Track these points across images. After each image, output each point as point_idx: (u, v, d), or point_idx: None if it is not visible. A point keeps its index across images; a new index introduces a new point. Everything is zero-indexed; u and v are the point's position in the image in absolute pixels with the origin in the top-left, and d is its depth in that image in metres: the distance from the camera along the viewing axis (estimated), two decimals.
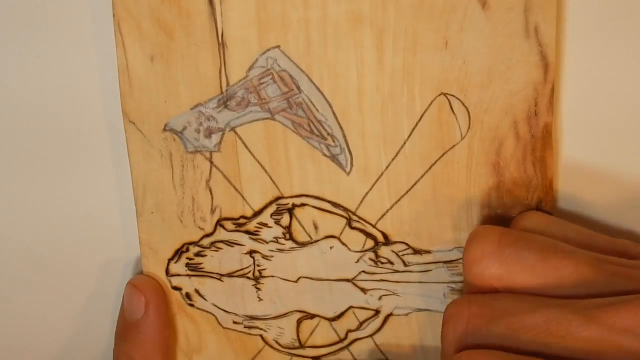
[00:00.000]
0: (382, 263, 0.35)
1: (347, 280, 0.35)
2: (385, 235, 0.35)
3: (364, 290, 0.35)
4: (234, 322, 0.37)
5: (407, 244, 0.35)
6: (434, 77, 0.32)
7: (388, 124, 0.33)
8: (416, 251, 0.35)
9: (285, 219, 0.35)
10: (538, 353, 0.27)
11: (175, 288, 0.36)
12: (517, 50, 0.31)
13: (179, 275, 0.36)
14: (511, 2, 0.31)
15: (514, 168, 0.33)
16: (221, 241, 0.36)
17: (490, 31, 0.31)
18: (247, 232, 0.35)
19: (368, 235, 0.35)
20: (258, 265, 0.36)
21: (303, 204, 0.35)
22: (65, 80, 0.35)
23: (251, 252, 0.36)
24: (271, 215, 0.35)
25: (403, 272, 0.35)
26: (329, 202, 0.34)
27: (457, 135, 0.33)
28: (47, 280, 0.38)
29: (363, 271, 0.35)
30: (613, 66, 0.33)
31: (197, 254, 0.36)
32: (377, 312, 0.36)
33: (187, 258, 0.36)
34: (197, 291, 0.36)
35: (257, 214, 0.35)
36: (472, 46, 0.32)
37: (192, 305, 0.37)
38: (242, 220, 0.35)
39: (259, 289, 0.36)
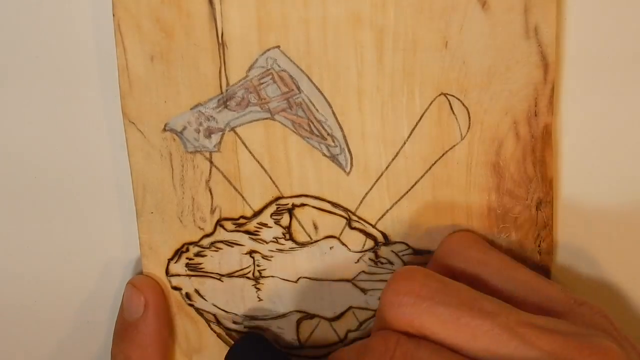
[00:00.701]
0: (382, 263, 0.35)
1: (347, 280, 0.35)
2: (385, 236, 0.35)
3: (364, 290, 0.35)
4: (234, 322, 0.37)
5: (407, 244, 0.35)
6: (434, 77, 0.32)
7: (388, 124, 0.33)
8: (416, 251, 0.35)
9: (285, 219, 0.35)
10: None
11: (175, 288, 0.36)
12: (517, 50, 0.31)
13: (179, 275, 0.36)
14: (511, 2, 0.31)
15: (513, 168, 0.33)
16: (221, 241, 0.36)
17: (490, 31, 0.31)
18: (247, 232, 0.35)
19: (368, 235, 0.35)
20: (258, 266, 0.36)
21: (303, 204, 0.35)
22: (65, 80, 0.35)
23: (251, 252, 0.36)
24: (271, 216, 0.35)
25: None
26: (329, 202, 0.34)
27: (457, 136, 0.33)
28: (47, 280, 0.38)
29: (363, 271, 0.35)
30: (613, 66, 0.33)
31: (197, 254, 0.36)
32: None
33: (187, 258, 0.36)
34: (197, 291, 0.36)
35: (257, 214, 0.35)
36: (472, 46, 0.32)
37: (192, 305, 0.37)
38: (242, 221, 0.35)
39: (258, 289, 0.36)
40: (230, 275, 0.36)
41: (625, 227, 0.35)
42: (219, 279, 0.36)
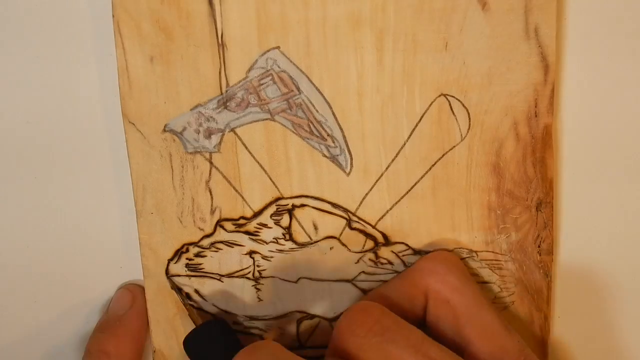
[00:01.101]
0: (382, 264, 0.35)
1: (347, 280, 0.35)
2: (385, 236, 0.35)
3: (364, 290, 0.35)
4: (234, 323, 0.37)
5: (407, 245, 0.35)
6: (434, 78, 0.32)
7: (388, 125, 0.33)
8: (416, 252, 0.35)
9: (285, 220, 0.35)
10: None
11: (175, 288, 0.36)
12: (517, 51, 0.31)
13: (178, 275, 0.36)
14: (511, 3, 0.31)
15: (514, 169, 0.33)
16: (221, 242, 0.36)
17: (490, 32, 0.31)
18: (247, 232, 0.35)
19: (368, 235, 0.35)
20: (258, 266, 0.36)
21: (303, 205, 0.35)
22: (65, 80, 0.35)
23: (251, 253, 0.36)
24: (271, 216, 0.35)
25: None
26: (329, 202, 0.34)
27: (457, 136, 0.33)
28: (47, 280, 0.38)
29: (363, 272, 0.35)
30: (613, 67, 0.33)
31: (197, 255, 0.36)
32: None
33: (187, 259, 0.36)
34: (197, 291, 0.36)
35: (256, 214, 0.35)
36: (472, 47, 0.32)
37: (192, 305, 0.37)
38: (241, 221, 0.35)
39: (258, 289, 0.36)
40: (230, 275, 0.36)
41: (626, 227, 0.35)
42: (219, 279, 0.36)
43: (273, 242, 0.35)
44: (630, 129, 0.34)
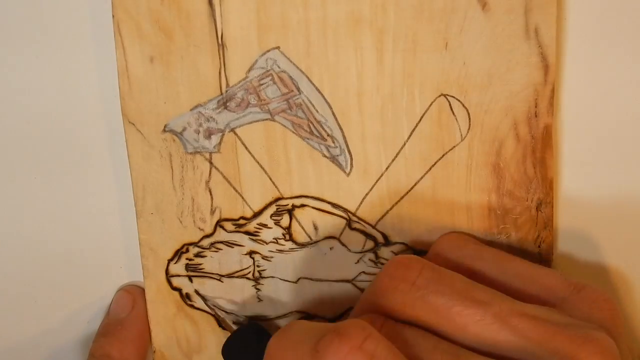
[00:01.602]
0: (382, 264, 0.35)
1: (347, 281, 0.35)
2: (385, 236, 0.35)
3: (364, 291, 0.35)
4: (234, 323, 0.37)
5: (407, 245, 0.35)
6: (434, 78, 0.32)
7: (388, 125, 0.33)
8: (416, 252, 0.35)
9: (285, 220, 0.35)
10: None
11: (175, 288, 0.36)
12: (517, 51, 0.31)
13: (178, 275, 0.36)
14: (511, 3, 0.31)
15: (514, 169, 0.33)
16: (221, 242, 0.36)
17: (490, 32, 0.31)
18: (247, 232, 0.35)
19: (368, 236, 0.35)
20: (258, 266, 0.36)
21: (303, 205, 0.35)
22: (65, 81, 0.35)
23: (251, 253, 0.36)
24: (271, 216, 0.35)
25: None
26: (329, 203, 0.34)
27: (457, 137, 0.33)
28: (47, 280, 0.38)
29: (363, 272, 0.35)
30: (613, 67, 0.33)
31: (197, 255, 0.36)
32: None
33: (187, 259, 0.36)
34: (197, 292, 0.36)
35: (256, 214, 0.35)
36: (472, 47, 0.32)
37: (192, 305, 0.37)
38: (241, 221, 0.35)
39: (258, 289, 0.36)
40: (230, 275, 0.36)
41: (626, 227, 0.35)
42: (219, 280, 0.36)
43: (273, 242, 0.35)
44: (631, 129, 0.34)
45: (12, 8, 0.34)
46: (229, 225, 0.35)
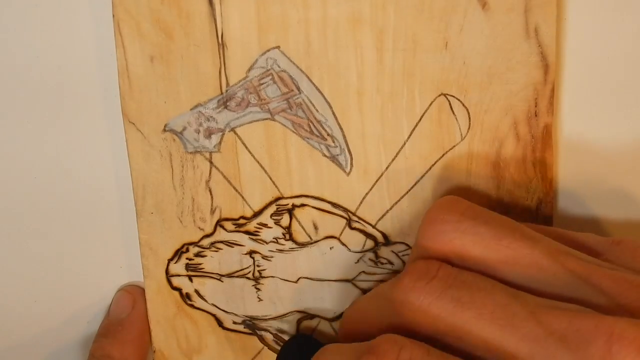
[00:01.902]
0: (382, 263, 0.35)
1: (347, 280, 0.35)
2: (385, 236, 0.35)
3: (364, 290, 0.35)
4: (234, 323, 0.37)
5: (407, 245, 0.35)
6: (434, 77, 0.32)
7: (388, 125, 0.33)
8: None
9: (285, 220, 0.35)
10: (473, 335, 0.27)
11: (175, 288, 0.36)
12: (517, 50, 0.31)
13: (178, 275, 0.36)
14: (511, 2, 0.31)
15: (514, 169, 0.33)
16: (221, 241, 0.36)
17: (490, 32, 0.31)
18: (247, 232, 0.35)
19: (368, 235, 0.35)
20: (258, 266, 0.36)
21: (303, 205, 0.35)
22: (65, 80, 0.35)
23: (251, 253, 0.36)
24: (271, 216, 0.35)
25: None
26: (329, 202, 0.34)
27: (457, 136, 0.33)
28: (47, 280, 0.38)
29: (363, 272, 0.35)
30: (613, 67, 0.33)
31: (197, 255, 0.36)
32: None
33: (187, 258, 0.36)
34: (197, 291, 0.36)
35: (257, 214, 0.35)
36: (472, 47, 0.32)
37: (192, 305, 0.37)
38: (242, 221, 0.35)
39: (258, 289, 0.36)
40: (230, 275, 0.36)
41: (626, 227, 0.35)
42: (219, 279, 0.36)
43: (273, 241, 0.35)
44: (630, 129, 0.34)
45: (12, 8, 0.34)
46: (229, 225, 0.35)
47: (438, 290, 0.28)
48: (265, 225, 0.35)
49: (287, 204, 0.35)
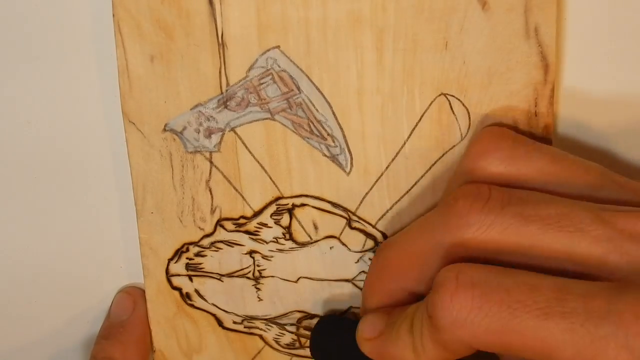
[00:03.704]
0: None
1: (347, 280, 0.36)
2: (385, 236, 0.35)
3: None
4: (234, 322, 0.37)
5: None
6: (434, 77, 0.32)
7: (388, 125, 0.33)
8: None
9: (285, 219, 0.35)
10: (541, 248, 0.27)
11: (175, 288, 0.36)
12: (517, 50, 0.31)
13: (179, 275, 0.36)
14: (511, 2, 0.31)
15: None
16: (221, 241, 0.36)
17: (490, 32, 0.31)
18: (247, 232, 0.35)
19: (368, 235, 0.35)
20: (258, 266, 0.36)
21: (303, 204, 0.35)
22: (65, 80, 0.35)
23: (251, 253, 0.36)
24: (271, 216, 0.35)
25: None
26: (329, 202, 0.34)
27: (457, 136, 0.33)
28: (47, 280, 0.38)
29: (363, 271, 0.35)
30: (613, 67, 0.33)
31: (197, 254, 0.36)
32: None
33: (187, 258, 0.36)
34: (197, 291, 0.36)
35: (257, 214, 0.35)
36: (472, 47, 0.32)
37: (192, 305, 0.37)
38: (242, 221, 0.35)
39: (259, 289, 0.36)
40: (230, 275, 0.36)
41: None
42: (219, 279, 0.36)
43: (273, 241, 0.35)
44: (630, 129, 0.34)
45: (12, 8, 0.34)
46: (229, 225, 0.35)
47: (497, 207, 0.27)
48: (265, 225, 0.35)
49: (287, 204, 0.35)
